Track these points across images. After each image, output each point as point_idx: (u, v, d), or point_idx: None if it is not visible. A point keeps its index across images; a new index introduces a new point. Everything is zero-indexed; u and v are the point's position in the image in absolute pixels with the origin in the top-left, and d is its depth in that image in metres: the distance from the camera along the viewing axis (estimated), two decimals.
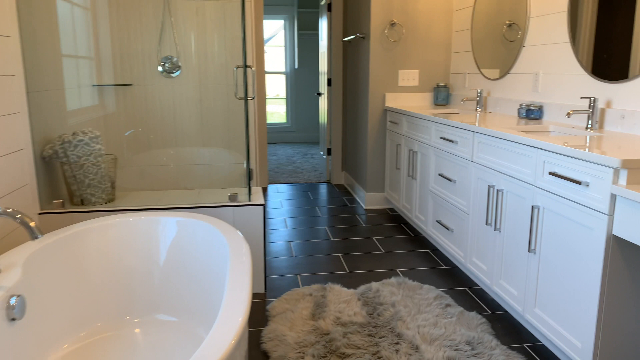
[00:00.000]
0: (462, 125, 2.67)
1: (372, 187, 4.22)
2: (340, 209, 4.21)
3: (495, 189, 2.37)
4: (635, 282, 1.70)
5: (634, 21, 2.19)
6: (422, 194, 3.36)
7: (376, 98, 4.08)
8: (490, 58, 3.47)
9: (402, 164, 3.75)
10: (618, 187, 1.58)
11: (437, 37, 4.06)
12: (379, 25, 3.97)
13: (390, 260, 3.07)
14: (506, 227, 2.29)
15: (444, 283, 2.75)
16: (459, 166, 2.78)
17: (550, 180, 1.94)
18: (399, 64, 4.06)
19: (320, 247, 3.31)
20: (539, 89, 2.91)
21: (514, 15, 3.17)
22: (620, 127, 2.27)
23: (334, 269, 2.93)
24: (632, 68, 2.21)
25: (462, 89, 3.91)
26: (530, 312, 2.12)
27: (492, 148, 2.40)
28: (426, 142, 3.25)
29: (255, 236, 2.57)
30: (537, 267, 2.06)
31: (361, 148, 4.39)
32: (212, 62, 3.46)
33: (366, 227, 3.71)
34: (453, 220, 2.88)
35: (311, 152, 7.28)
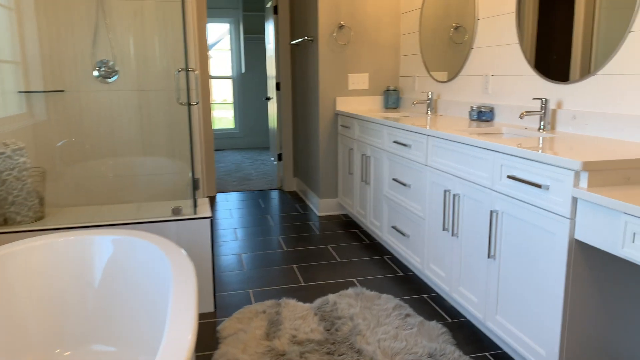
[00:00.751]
0: (415, 128, 2.61)
1: (325, 193, 4.11)
2: (293, 217, 4.07)
3: (452, 193, 2.31)
4: (599, 287, 1.66)
5: (573, 23, 2.19)
6: (377, 199, 3.28)
7: (326, 102, 3.99)
8: (440, 61, 3.44)
9: (355, 168, 3.66)
10: (579, 190, 1.54)
11: (386, 40, 4.01)
12: (327, 28, 3.88)
13: (346, 269, 2.97)
14: (464, 232, 2.23)
15: (402, 291, 2.67)
16: (413, 170, 2.71)
17: (509, 184, 1.89)
18: (348, 67, 3.98)
19: (273, 258, 3.16)
20: (490, 91, 2.89)
21: (461, 17, 3.15)
22: (572, 127, 2.26)
23: (289, 282, 2.79)
24: (577, 69, 2.20)
25: (412, 92, 3.87)
26: (492, 320, 2.06)
27: (446, 151, 2.34)
28: (379, 146, 3.18)
29: (202, 252, 2.39)
30: (498, 273, 2.00)
31: (313, 153, 4.28)
32: (153, 66, 3.25)
33: (320, 235, 3.59)
34: (409, 226, 2.81)
35: (261, 158, 7.11)
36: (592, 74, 2.15)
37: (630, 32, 1.96)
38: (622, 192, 1.47)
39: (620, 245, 1.41)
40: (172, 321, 1.30)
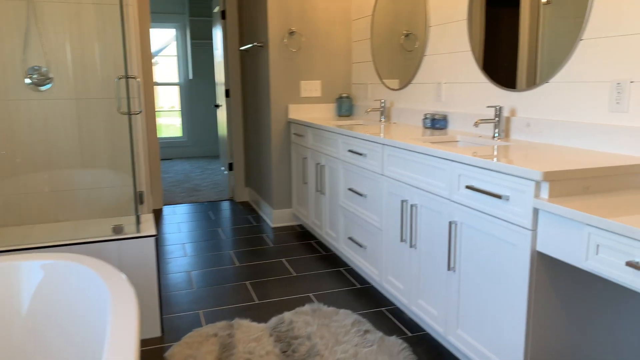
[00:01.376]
0: (371, 137, 2.54)
1: (278, 204, 3.99)
2: (246, 229, 3.92)
3: (409, 203, 2.24)
4: (561, 298, 1.63)
5: (519, 31, 2.19)
6: (332, 209, 3.19)
7: (278, 109, 3.87)
8: (392, 68, 3.40)
9: (310, 178, 3.56)
10: (540, 201, 1.50)
11: (338, 47, 3.95)
12: (277, 34, 3.77)
13: (302, 283, 2.85)
14: (422, 243, 2.17)
15: (360, 305, 2.58)
16: (369, 180, 2.64)
17: (468, 195, 1.84)
18: (300, 74, 3.89)
19: (225, 275, 3.00)
20: (443, 99, 2.87)
21: (412, 25, 3.13)
22: (526, 135, 2.26)
23: (242, 300, 2.65)
24: (529, 77, 2.20)
25: (365, 100, 3.82)
26: (453, 334, 2.00)
27: (403, 161, 2.28)
28: (334, 155, 3.09)
29: (146, 273, 2.22)
30: (458, 286, 1.95)
31: (265, 162, 4.15)
32: (92, 73, 3.04)
33: (275, 248, 3.47)
34: (366, 237, 2.73)
35: (211, 168, 6.90)
36: (545, 81, 2.15)
37: (581, 40, 1.96)
38: (583, 202, 1.44)
39: (584, 258, 1.37)
40: (110, 352, 1.16)
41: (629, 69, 1.78)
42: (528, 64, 2.23)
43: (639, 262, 1.21)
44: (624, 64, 1.79)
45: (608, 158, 1.70)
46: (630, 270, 1.23)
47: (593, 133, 1.92)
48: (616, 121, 1.84)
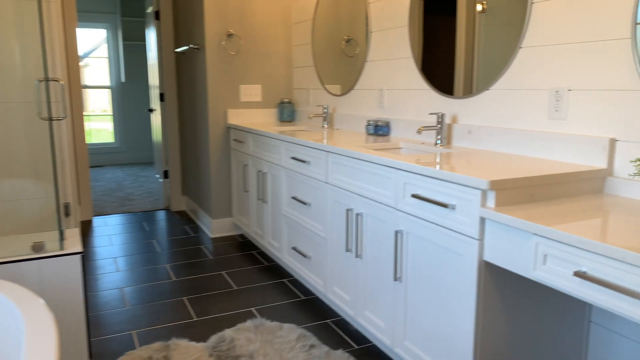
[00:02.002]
0: (314, 144, 2.46)
1: (218, 213, 3.84)
2: (183, 241, 3.74)
3: (354, 212, 2.19)
4: (508, 306, 1.62)
5: (456, 39, 2.21)
6: (275, 218, 3.09)
7: (217, 115, 3.73)
8: (334, 74, 3.36)
9: (251, 186, 3.44)
10: (487, 210, 1.48)
11: (278, 51, 3.86)
12: (214, 36, 3.63)
13: (244, 297, 2.73)
14: (368, 253, 2.12)
15: (305, 317, 2.49)
16: (313, 188, 2.56)
17: (414, 203, 1.80)
18: (239, 78, 3.76)
19: (161, 290, 2.82)
20: (385, 105, 2.85)
21: (352, 30, 3.09)
22: (467, 142, 2.26)
23: (179, 318, 2.49)
24: (470, 84, 2.21)
25: (307, 105, 3.75)
26: (400, 345, 1.96)
27: (348, 168, 2.22)
28: (276, 162, 2.99)
29: (71, 293, 2.02)
30: (405, 297, 1.91)
31: (203, 169, 3.98)
32: (10, 74, 2.78)
33: (214, 260, 3.31)
34: (310, 247, 2.65)
35: (145, 175, 6.59)
36: (485, 88, 2.17)
37: (521, 47, 1.98)
38: (529, 211, 1.43)
39: (531, 268, 1.36)
40: None
41: (567, 77, 1.81)
42: (468, 71, 2.25)
43: (586, 272, 1.21)
44: (562, 72, 1.82)
45: (549, 165, 1.72)
46: (578, 280, 1.22)
47: (533, 140, 1.94)
48: (555, 129, 1.87)
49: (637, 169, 1.55)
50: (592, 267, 1.19)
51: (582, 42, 1.74)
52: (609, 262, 1.14)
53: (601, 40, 1.68)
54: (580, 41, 1.75)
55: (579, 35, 1.75)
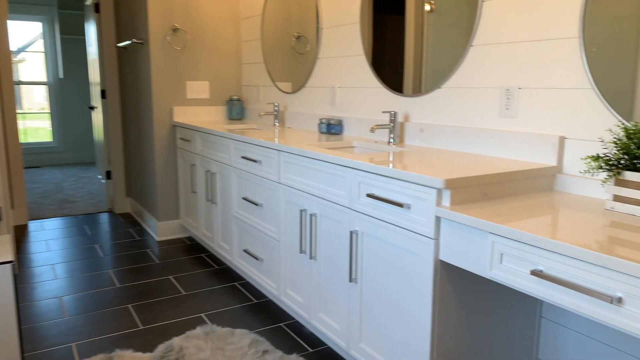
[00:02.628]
0: (265, 143, 2.39)
1: (164, 215, 3.68)
2: (128, 245, 3.56)
3: (308, 213, 2.13)
4: (463, 306, 1.61)
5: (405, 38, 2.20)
6: (225, 220, 2.98)
7: (162, 112, 3.57)
8: (285, 71, 3.29)
9: (199, 186, 3.32)
10: (442, 209, 1.46)
11: (226, 47, 3.75)
12: (158, 31, 3.47)
13: (193, 303, 2.62)
14: (323, 255, 2.07)
15: (257, 322, 2.42)
16: (265, 188, 2.49)
17: (369, 203, 1.77)
18: (186, 74, 3.62)
19: (104, 298, 2.66)
20: (337, 103, 2.81)
21: (302, 27, 3.04)
22: (420, 140, 2.26)
23: (123, 327, 2.35)
24: (420, 83, 2.21)
25: (257, 103, 3.66)
26: (356, 348, 1.92)
27: (301, 168, 2.17)
28: (225, 162, 2.89)
29: (0, 306, 1.85)
30: (360, 298, 1.87)
31: (148, 170, 3.81)
32: None
33: (161, 264, 3.17)
34: (262, 249, 2.58)
35: (87, 176, 6.27)
36: (437, 87, 2.16)
37: (472, 46, 1.99)
38: (484, 209, 1.42)
39: (488, 267, 1.34)
40: None
41: (517, 76, 1.83)
42: (418, 69, 2.24)
43: (542, 271, 1.20)
44: (513, 71, 1.84)
45: (502, 163, 1.73)
46: (535, 279, 1.22)
47: (485, 139, 1.95)
48: (506, 127, 1.89)
49: (588, 167, 1.58)
50: (549, 266, 1.18)
51: (532, 41, 1.76)
52: (565, 260, 1.14)
53: (550, 39, 1.70)
54: (530, 40, 1.77)
55: (529, 34, 1.77)
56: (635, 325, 1.02)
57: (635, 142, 1.35)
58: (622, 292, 1.04)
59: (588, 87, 1.60)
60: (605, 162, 1.39)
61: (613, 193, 1.40)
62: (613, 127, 1.54)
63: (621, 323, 1.05)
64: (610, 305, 1.07)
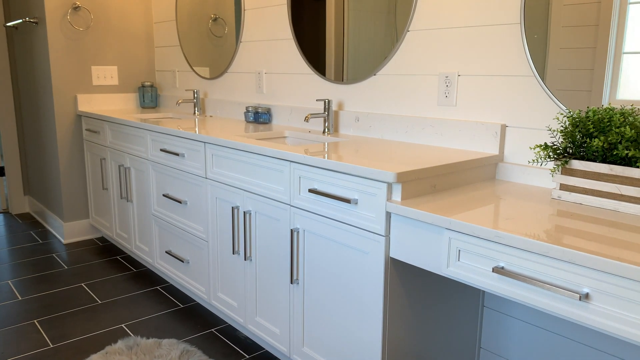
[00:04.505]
0: (189, 134, 2.18)
1: (71, 215, 3.31)
2: (29, 250, 3.17)
3: (241, 210, 1.97)
4: (413, 303, 1.55)
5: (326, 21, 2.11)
6: (143, 219, 2.72)
7: (64, 100, 3.19)
8: (203, 55, 3.05)
9: (111, 183, 3.01)
10: (393, 205, 1.37)
11: (136, 28, 3.42)
12: (56, 8, 3.08)
13: (111, 312, 2.36)
14: (260, 255, 1.92)
15: (186, 329, 2.22)
16: (189, 184, 2.28)
17: (311, 199, 1.64)
18: (91, 58, 3.26)
19: (4, 314, 2.32)
20: (264, 90, 2.64)
21: (219, 8, 2.83)
22: (355, 130, 2.17)
23: (30, 347, 2.06)
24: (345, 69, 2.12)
25: (173, 89, 3.39)
26: (298, 352, 1.81)
27: (231, 161, 1.99)
28: (141, 155, 2.63)
29: None
30: (302, 300, 1.75)
31: (51, 165, 3.40)
32: None
33: (70, 270, 2.84)
34: (188, 250, 2.37)
35: None
36: (372, 74, 2.08)
37: (408, 31, 1.92)
38: (434, 203, 1.36)
39: (445, 265, 1.28)
40: None
41: (456, 62, 1.78)
42: (353, 56, 2.14)
43: (504, 267, 1.15)
44: (452, 57, 1.79)
45: (443, 153, 1.68)
46: (496, 277, 1.17)
47: (423, 127, 1.90)
48: (445, 115, 1.84)
49: (537, 156, 1.57)
50: (510, 262, 1.14)
51: (471, 27, 1.72)
52: (528, 257, 1.10)
53: (491, 25, 1.66)
54: (470, 25, 1.72)
55: (469, 19, 1.72)
56: (604, 322, 1.00)
57: (580, 131, 1.34)
58: (589, 287, 1.01)
59: (529, 75, 1.58)
60: (554, 151, 1.37)
61: (560, 182, 1.39)
62: (557, 115, 1.53)
63: (589, 320, 1.02)
64: (577, 302, 1.03)
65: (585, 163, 1.33)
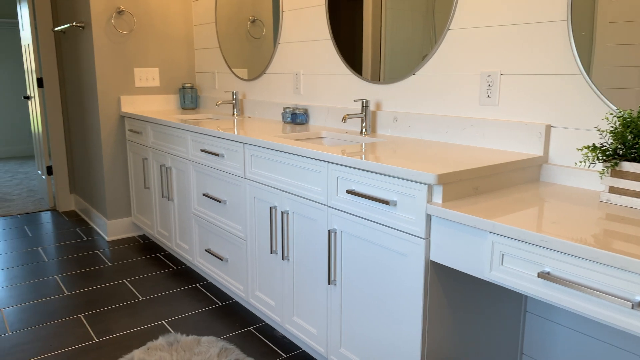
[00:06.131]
0: (228, 135, 2.21)
1: (114, 213, 3.42)
2: (75, 246, 3.28)
3: (279, 210, 1.98)
4: (452, 307, 1.52)
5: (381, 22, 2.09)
6: (184, 217, 2.78)
7: (108, 102, 3.29)
8: (242, 56, 3.09)
9: (153, 182, 3.08)
10: (434, 207, 1.35)
11: (177, 30, 3.49)
12: (101, 13, 3.18)
13: (152, 309, 2.42)
14: (297, 255, 1.93)
15: (224, 326, 2.26)
16: (229, 184, 2.31)
17: (349, 200, 1.64)
18: (134, 60, 3.35)
19: (51, 309, 2.42)
20: (302, 91, 2.65)
21: (257, 10, 2.85)
22: (393, 130, 2.15)
23: (76, 341, 2.13)
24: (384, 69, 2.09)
25: (213, 91, 3.45)
26: (336, 354, 1.81)
27: (269, 162, 2.01)
28: (182, 155, 2.68)
29: None
30: (340, 301, 1.75)
31: (95, 164, 3.52)
32: None
33: (113, 267, 2.93)
34: (227, 248, 2.41)
35: (24, 171, 5.81)
36: (411, 73, 2.05)
37: (449, 30, 1.89)
38: (477, 205, 1.33)
39: (487, 269, 1.25)
40: None
41: (499, 61, 1.74)
42: (391, 56, 2.12)
43: (550, 273, 1.12)
44: (494, 56, 1.75)
45: (486, 154, 1.64)
46: (542, 282, 1.13)
47: (464, 127, 1.86)
48: (487, 115, 1.80)
49: (584, 157, 1.51)
50: (557, 267, 1.10)
51: (515, 24, 1.67)
52: (576, 262, 1.06)
53: (535, 22, 1.62)
54: (514, 23, 1.68)
55: (512, 17, 1.68)
56: None
57: (632, 131, 1.28)
58: None
59: (576, 73, 1.53)
60: (603, 153, 1.32)
61: (609, 185, 1.34)
62: (607, 115, 1.47)
63: None
64: (629, 310, 0.99)
65: (637, 165, 1.28)
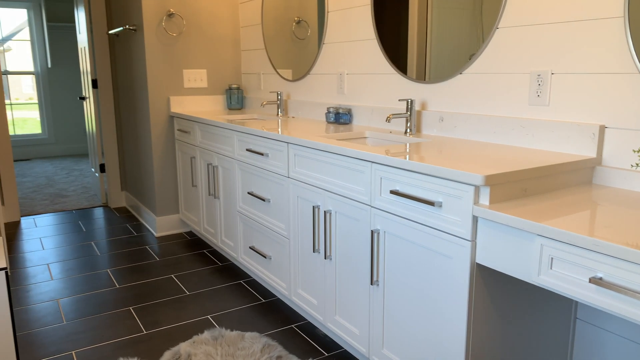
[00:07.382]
0: (273, 135, 2.24)
1: (163, 209, 3.53)
2: (125, 241, 3.41)
3: (322, 210, 2.00)
4: (498, 311, 1.49)
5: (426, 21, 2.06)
6: (229, 215, 2.84)
7: (158, 102, 3.40)
8: (286, 57, 3.13)
9: (200, 180, 3.17)
10: (481, 208, 1.33)
11: (224, 32, 3.57)
12: (153, 16, 3.29)
13: (198, 303, 2.48)
14: (340, 254, 1.94)
15: (267, 323, 2.29)
16: (273, 183, 2.34)
17: (393, 200, 1.63)
18: (183, 62, 3.45)
19: (103, 300, 2.52)
20: (345, 91, 2.66)
21: (302, 11, 2.87)
22: (438, 130, 2.12)
23: (126, 332, 2.22)
24: (441, 68, 2.07)
25: (258, 91, 3.50)
26: (378, 354, 1.80)
27: (313, 161, 2.02)
28: (228, 154, 2.74)
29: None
30: (383, 302, 1.75)
31: (145, 162, 3.65)
32: None
33: (161, 262, 3.03)
34: (270, 246, 2.44)
35: (79, 169, 6.09)
36: (458, 72, 2.02)
37: (498, 28, 1.85)
38: (525, 207, 1.29)
39: (535, 272, 1.22)
40: None
41: (549, 60, 1.69)
42: (437, 54, 2.09)
43: (602, 278, 1.08)
44: (545, 55, 1.70)
45: (536, 155, 1.59)
46: (594, 288, 1.10)
47: (513, 128, 1.82)
48: (537, 115, 1.75)
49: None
50: (610, 273, 1.06)
51: (566, 22, 1.62)
52: (631, 268, 1.02)
53: (588, 20, 1.56)
54: (565, 21, 1.63)
55: (564, 14, 1.63)
56: None
57: None
58: None
59: (634, 72, 1.47)
60: None
61: None
62: None
63: None
64: None
65: None
